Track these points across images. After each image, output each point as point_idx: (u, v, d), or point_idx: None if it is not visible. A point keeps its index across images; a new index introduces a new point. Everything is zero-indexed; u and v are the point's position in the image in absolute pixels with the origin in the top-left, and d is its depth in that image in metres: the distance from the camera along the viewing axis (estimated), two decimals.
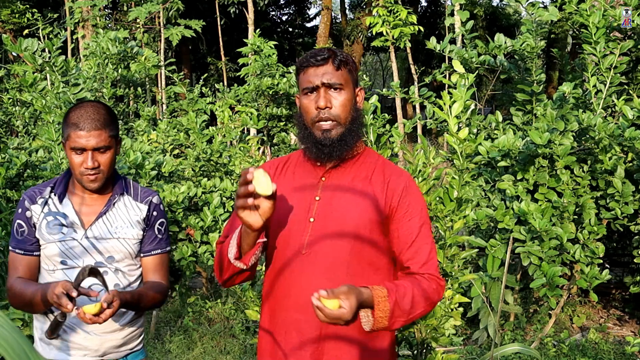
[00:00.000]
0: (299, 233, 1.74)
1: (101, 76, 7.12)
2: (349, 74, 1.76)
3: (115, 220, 2.02)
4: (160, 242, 2.10)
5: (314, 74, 1.73)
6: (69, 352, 2.00)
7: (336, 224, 1.73)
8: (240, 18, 18.54)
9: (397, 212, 1.74)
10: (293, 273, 1.74)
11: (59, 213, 1.99)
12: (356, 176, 1.78)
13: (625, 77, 5.13)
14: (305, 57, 1.77)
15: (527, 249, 3.90)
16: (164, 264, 2.11)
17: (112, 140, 1.97)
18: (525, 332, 4.79)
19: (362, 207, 1.73)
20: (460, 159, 4.17)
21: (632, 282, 4.96)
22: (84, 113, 1.93)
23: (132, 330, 2.08)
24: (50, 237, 1.97)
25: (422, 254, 1.73)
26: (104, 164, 1.96)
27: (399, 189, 1.75)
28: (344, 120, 1.73)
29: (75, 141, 1.91)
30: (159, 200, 2.11)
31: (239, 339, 4.74)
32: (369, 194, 1.75)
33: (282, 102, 7.93)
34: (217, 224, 4.58)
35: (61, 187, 2.03)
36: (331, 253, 1.71)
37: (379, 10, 10.88)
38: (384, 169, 1.80)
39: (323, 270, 1.71)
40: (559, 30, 16.14)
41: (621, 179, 4.08)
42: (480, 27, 19.07)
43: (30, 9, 16.44)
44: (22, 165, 4.67)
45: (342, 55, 1.76)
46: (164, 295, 2.06)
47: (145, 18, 13.01)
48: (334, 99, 1.73)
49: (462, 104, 4.14)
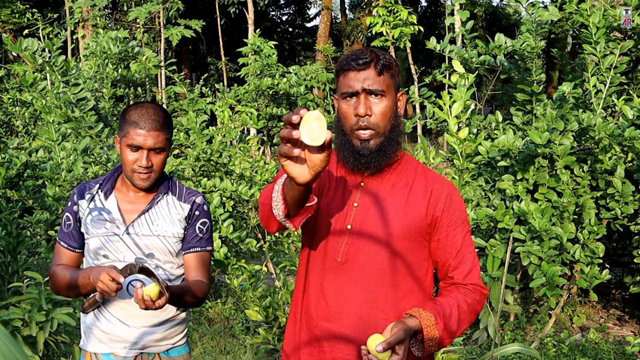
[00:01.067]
0: (335, 240, 1.69)
1: (101, 76, 7.12)
2: (391, 79, 1.67)
3: (156, 219, 2.06)
4: (201, 241, 2.11)
5: (355, 78, 1.65)
6: (109, 345, 2.05)
7: (375, 233, 1.67)
8: (240, 18, 18.54)
9: (441, 221, 1.70)
10: (327, 281, 1.70)
11: (103, 209, 2.05)
12: (396, 183, 1.72)
13: (625, 77, 5.13)
14: (347, 59, 1.69)
15: (527, 249, 3.90)
16: (205, 263, 2.12)
17: (167, 142, 2.02)
18: (525, 332, 4.79)
19: (402, 216, 1.68)
20: (460, 159, 4.18)
21: (632, 282, 4.96)
22: (145, 112, 1.97)
23: (172, 325, 2.11)
24: (94, 232, 2.03)
25: (466, 263, 1.70)
26: (157, 164, 2.00)
27: (442, 197, 1.70)
28: (383, 129, 1.66)
29: (133, 139, 1.95)
30: (202, 201, 2.13)
31: (239, 339, 4.74)
32: (409, 202, 1.69)
33: (282, 102, 7.93)
34: (217, 224, 4.58)
35: (109, 184, 2.09)
36: (368, 262, 1.67)
37: (379, 10, 10.88)
38: (426, 176, 1.74)
39: (359, 279, 1.67)
40: (559, 30, 16.14)
41: (621, 179, 4.08)
42: (480, 27, 19.08)
43: (30, 9, 16.45)
44: (22, 165, 4.67)
45: (385, 58, 1.67)
46: (204, 294, 2.07)
47: (145, 18, 13.01)
48: (375, 105, 1.65)
49: (462, 104, 4.15)
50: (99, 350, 2.06)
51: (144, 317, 2.04)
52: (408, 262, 1.68)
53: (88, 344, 2.09)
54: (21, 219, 4.45)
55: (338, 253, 1.69)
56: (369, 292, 1.65)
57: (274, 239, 5.58)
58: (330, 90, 8.56)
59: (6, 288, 3.87)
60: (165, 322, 2.09)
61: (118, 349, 2.04)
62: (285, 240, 4.65)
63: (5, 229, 3.89)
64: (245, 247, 4.54)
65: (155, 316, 2.06)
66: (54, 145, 4.74)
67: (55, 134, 4.79)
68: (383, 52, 1.70)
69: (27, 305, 3.55)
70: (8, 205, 4.19)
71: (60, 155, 4.62)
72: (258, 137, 7.94)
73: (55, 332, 3.64)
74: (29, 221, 4.43)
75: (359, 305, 1.67)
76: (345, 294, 1.67)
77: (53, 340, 3.66)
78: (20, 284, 3.80)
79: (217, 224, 4.64)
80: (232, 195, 5.12)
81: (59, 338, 3.67)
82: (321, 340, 1.71)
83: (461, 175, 4.14)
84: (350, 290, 1.67)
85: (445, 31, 13.26)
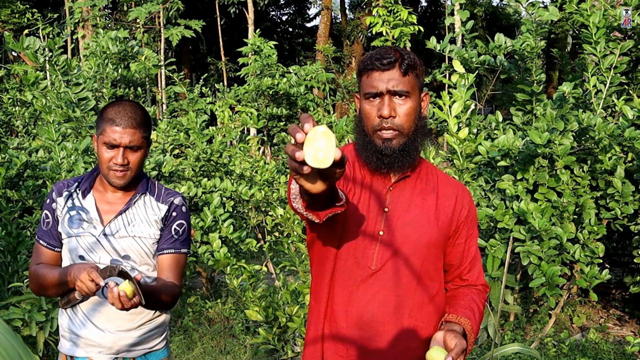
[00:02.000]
0: (366, 246, 1.65)
1: (101, 76, 7.11)
2: (415, 79, 1.63)
3: (133, 219, 2.03)
4: (175, 242, 2.08)
5: (379, 78, 1.59)
6: (84, 349, 2.04)
7: (407, 239, 1.65)
8: (240, 18, 18.54)
9: (463, 226, 1.73)
10: (359, 289, 1.65)
11: (82, 208, 2.03)
12: (424, 189, 1.70)
13: (625, 77, 5.13)
14: (370, 58, 1.63)
15: (527, 249, 3.90)
16: (178, 265, 2.08)
17: (144, 141, 1.99)
18: (525, 332, 4.79)
19: (433, 222, 1.67)
20: (460, 159, 4.18)
21: (632, 282, 4.96)
22: (121, 110, 1.95)
23: (149, 329, 2.08)
24: (71, 232, 2.01)
25: (477, 266, 1.78)
26: (133, 162, 1.98)
27: (466, 203, 1.74)
28: (407, 130, 1.62)
29: (109, 136, 1.93)
30: (181, 202, 2.10)
31: (239, 339, 4.74)
32: (439, 208, 1.70)
33: (282, 102, 7.93)
34: (217, 224, 4.58)
35: (87, 183, 2.06)
36: (401, 269, 1.64)
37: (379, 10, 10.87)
38: (447, 182, 1.75)
39: (392, 286, 1.65)
40: (559, 30, 16.13)
41: (621, 179, 4.08)
42: (480, 27, 19.07)
43: (30, 9, 16.45)
44: (22, 165, 4.67)
45: (410, 58, 1.62)
46: (174, 297, 2.04)
47: (145, 18, 13.01)
48: (399, 106, 1.60)
49: (462, 104, 4.15)
50: (75, 354, 2.04)
51: (119, 320, 2.01)
52: (434, 268, 1.70)
53: (64, 347, 2.08)
54: (21, 219, 4.45)
55: (371, 260, 1.64)
56: (401, 299, 1.64)
57: (274, 239, 5.58)
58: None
59: (6, 288, 3.87)
60: (141, 326, 2.05)
61: (93, 353, 2.02)
62: (285, 240, 4.64)
63: (5, 229, 3.89)
64: (245, 247, 4.54)
65: (130, 320, 2.03)
66: (54, 145, 4.74)
67: (55, 134, 4.79)
68: (407, 52, 1.64)
69: (27, 305, 3.55)
70: (8, 205, 4.18)
71: (61, 155, 4.62)
72: (258, 137, 7.94)
73: (55, 332, 3.64)
74: (29, 221, 4.43)
75: (391, 312, 1.64)
76: (378, 301, 1.64)
77: (53, 340, 3.66)
78: (20, 284, 3.80)
79: (217, 224, 4.65)
80: (232, 196, 5.12)
81: (59, 338, 3.67)
82: (350, 349, 1.66)
83: (461, 175, 4.14)
84: (384, 298, 1.64)
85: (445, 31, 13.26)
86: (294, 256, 4.29)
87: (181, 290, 2.09)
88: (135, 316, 2.04)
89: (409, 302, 1.66)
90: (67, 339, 2.07)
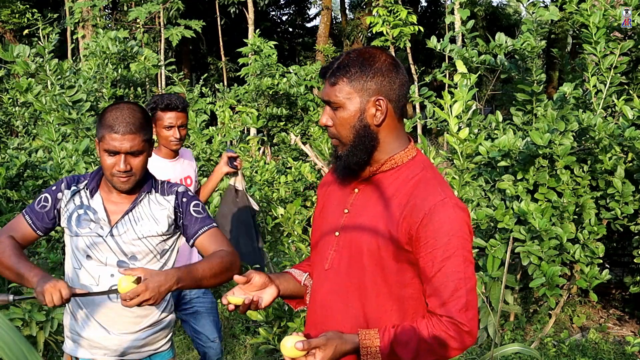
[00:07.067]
0: (325, 246, 1.65)
1: (101, 76, 7.12)
2: (350, 85, 1.54)
3: (140, 218, 2.03)
4: (202, 221, 2.04)
5: (322, 89, 1.63)
6: (89, 350, 2.04)
7: (357, 242, 1.58)
8: (240, 18, 18.53)
9: (418, 241, 1.51)
10: (315, 288, 1.68)
11: (89, 207, 2.02)
12: (384, 193, 1.58)
13: (625, 77, 5.13)
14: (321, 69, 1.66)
15: (527, 249, 3.90)
16: (217, 237, 2.03)
17: (145, 144, 1.97)
18: (525, 332, 4.79)
19: (382, 227, 1.55)
20: (461, 159, 4.18)
21: (632, 282, 4.95)
22: (119, 115, 1.92)
23: (154, 331, 2.08)
24: (79, 231, 2.00)
25: (442, 292, 1.49)
26: (136, 167, 1.96)
27: (420, 215, 1.50)
28: (345, 139, 1.57)
29: (109, 143, 1.91)
30: (185, 189, 2.09)
31: (239, 339, 4.74)
32: (387, 216, 1.55)
33: (282, 102, 7.93)
34: None
35: (94, 182, 2.05)
36: (349, 273, 1.59)
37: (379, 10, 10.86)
38: (416, 187, 1.55)
39: (339, 290, 1.61)
40: (559, 30, 16.13)
41: (621, 179, 4.08)
42: (480, 27, 19.07)
43: (30, 9, 16.44)
44: (22, 165, 4.67)
45: (342, 64, 1.56)
46: (230, 256, 1.95)
47: (145, 18, 13.00)
48: (334, 117, 1.58)
49: (463, 103, 4.15)
50: (80, 355, 2.04)
51: (125, 323, 2.01)
52: (391, 282, 1.55)
53: (70, 347, 2.07)
54: None
55: (326, 260, 1.64)
56: (347, 307, 1.59)
57: (274, 239, 5.58)
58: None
59: (6, 288, 3.87)
60: (146, 327, 2.05)
61: (99, 355, 2.02)
62: (285, 240, 4.65)
63: None
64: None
65: (136, 322, 2.03)
66: (54, 146, 4.74)
67: (55, 134, 4.79)
68: (346, 56, 1.57)
69: (27, 305, 3.55)
70: (8, 205, 4.19)
71: (61, 156, 4.62)
72: (258, 137, 7.94)
73: (55, 332, 3.64)
74: None
75: (340, 319, 1.61)
76: (327, 304, 1.63)
77: (53, 340, 3.66)
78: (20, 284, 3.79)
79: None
80: None
81: (59, 338, 3.67)
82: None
83: (461, 175, 4.14)
84: (332, 301, 1.62)
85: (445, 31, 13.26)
86: (294, 256, 4.29)
87: (233, 249, 2.02)
88: (141, 319, 2.03)
89: (358, 307, 1.58)
90: (71, 339, 2.07)
